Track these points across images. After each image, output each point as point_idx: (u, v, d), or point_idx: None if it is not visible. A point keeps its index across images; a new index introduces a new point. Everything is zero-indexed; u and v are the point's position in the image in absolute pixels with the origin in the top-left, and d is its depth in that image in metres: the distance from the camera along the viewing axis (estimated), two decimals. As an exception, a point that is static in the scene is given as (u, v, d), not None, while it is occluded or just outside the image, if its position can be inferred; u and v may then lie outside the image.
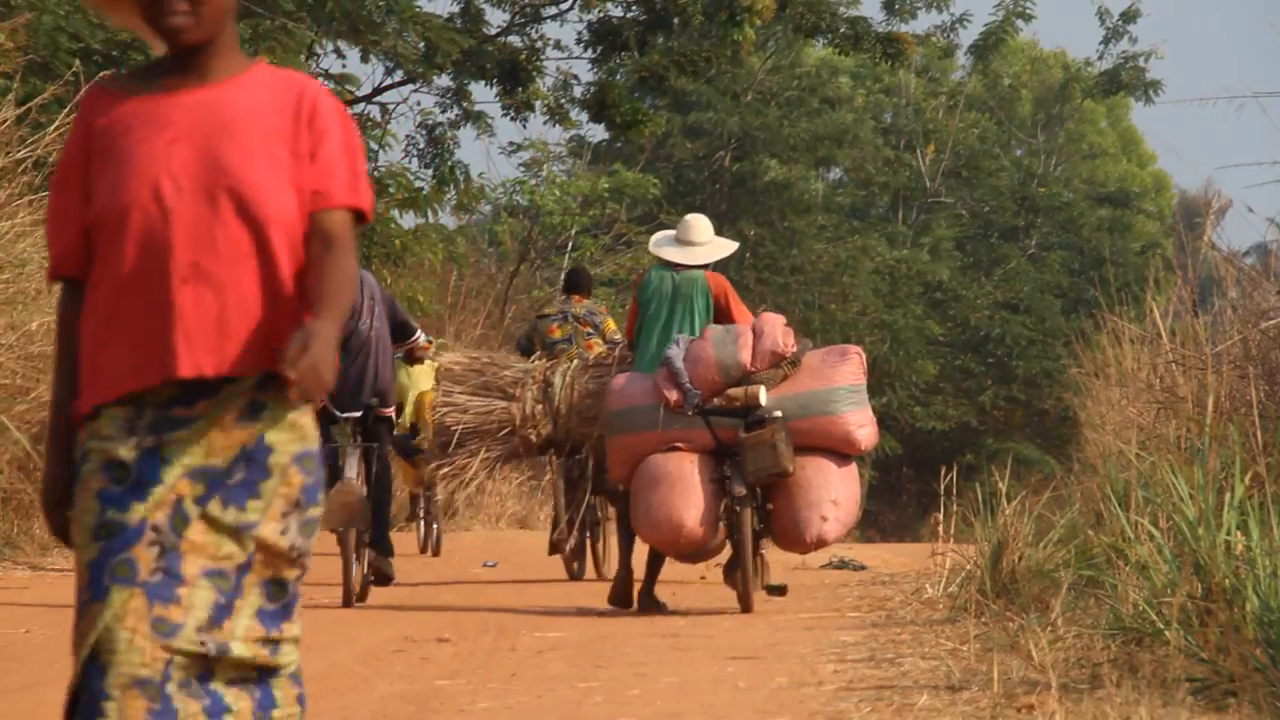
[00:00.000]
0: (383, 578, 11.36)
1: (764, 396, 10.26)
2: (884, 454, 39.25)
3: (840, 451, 10.37)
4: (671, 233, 11.09)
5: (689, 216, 11.14)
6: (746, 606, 10.42)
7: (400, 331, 11.74)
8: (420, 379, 16.86)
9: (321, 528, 14.83)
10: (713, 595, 11.67)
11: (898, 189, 42.93)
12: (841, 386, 10.34)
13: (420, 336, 12.09)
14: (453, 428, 12.02)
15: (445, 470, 12.07)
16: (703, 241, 10.93)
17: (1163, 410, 10.73)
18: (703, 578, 13.22)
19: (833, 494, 10.21)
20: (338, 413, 11.18)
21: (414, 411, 17.49)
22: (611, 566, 13.15)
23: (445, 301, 27.90)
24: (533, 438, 11.92)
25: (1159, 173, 47.82)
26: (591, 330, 13.32)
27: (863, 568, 15.07)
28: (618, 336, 13.21)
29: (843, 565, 15.23)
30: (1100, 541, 9.12)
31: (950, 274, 41.79)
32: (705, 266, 10.90)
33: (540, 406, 11.86)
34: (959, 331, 41.95)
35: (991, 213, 43.49)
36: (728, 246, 11.17)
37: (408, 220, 25.04)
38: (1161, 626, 7.12)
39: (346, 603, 11.07)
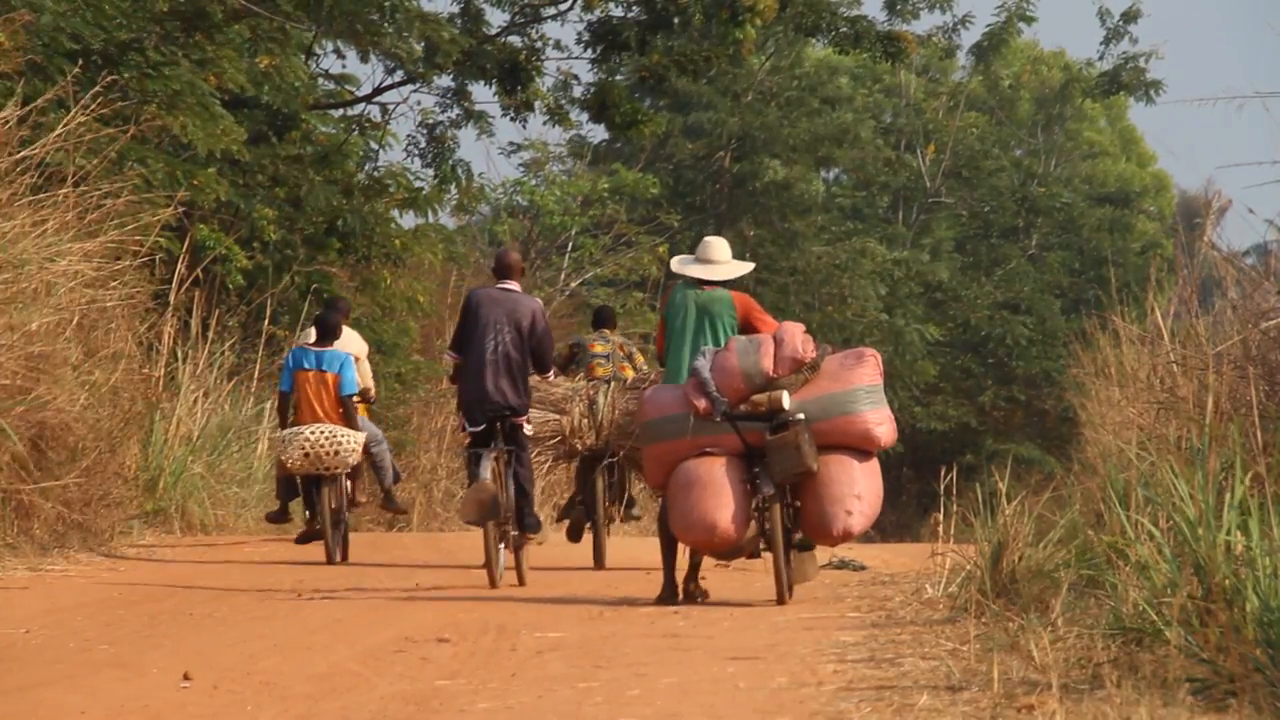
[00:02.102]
0: (534, 528, 12.56)
1: (787, 400, 10.86)
2: (884, 454, 39.15)
3: (861, 449, 10.99)
4: (691, 255, 11.74)
5: (708, 238, 11.80)
6: (781, 598, 11.01)
7: (536, 363, 12.59)
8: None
9: (461, 520, 15.87)
10: (713, 595, 11.67)
11: (898, 189, 42.90)
12: (859, 387, 10.96)
13: (551, 376, 12.98)
14: None
15: None
16: (723, 260, 11.59)
17: (1163, 410, 10.73)
18: (703, 577, 13.22)
19: (856, 489, 10.86)
20: (467, 425, 12.32)
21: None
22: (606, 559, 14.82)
23: (445, 301, 27.89)
24: (578, 446, 14.44)
25: (1159, 173, 47.80)
26: (625, 357, 14.83)
27: (863, 568, 15.06)
28: (645, 368, 14.92)
29: (843, 565, 15.22)
30: (1101, 541, 9.12)
31: (950, 274, 41.77)
32: (727, 283, 11.56)
33: (586, 420, 14.36)
34: (959, 332, 41.93)
35: (991, 213, 43.46)
36: (745, 266, 11.82)
37: (408, 220, 25.05)
38: (1162, 626, 7.12)
39: (492, 584, 12.22)
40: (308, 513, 14.96)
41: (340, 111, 25.78)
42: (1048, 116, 45.29)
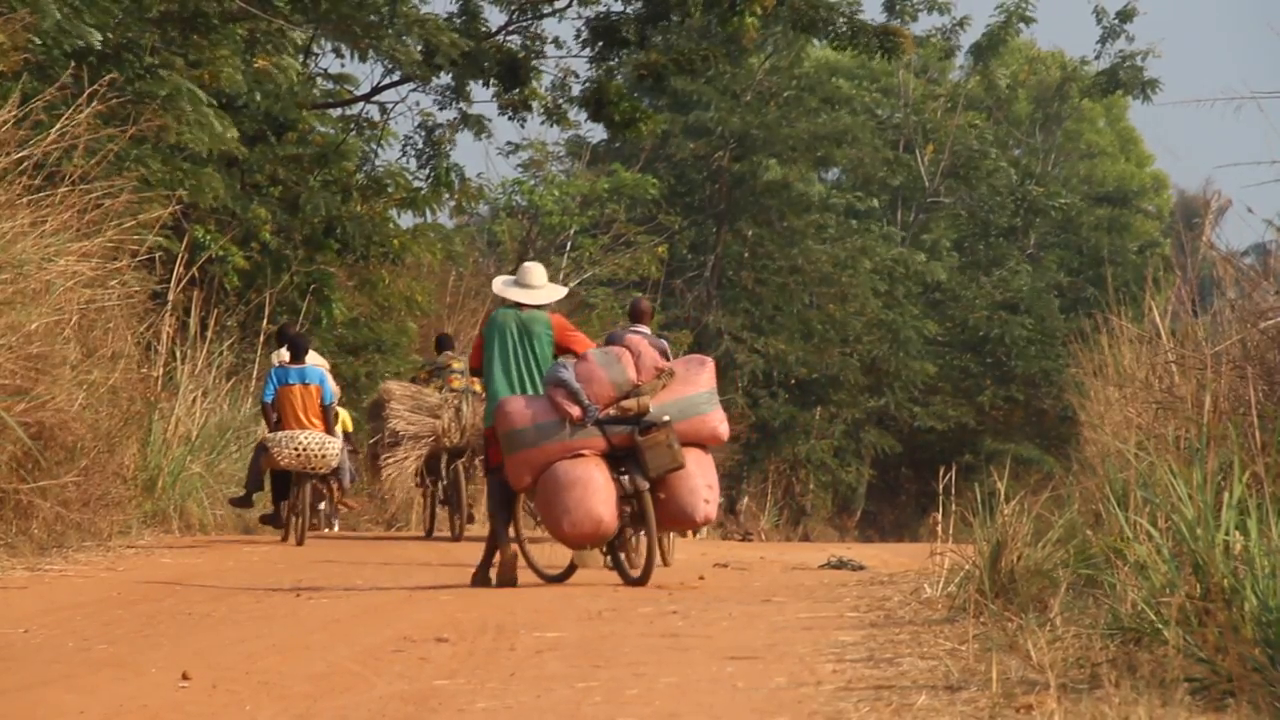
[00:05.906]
0: None
1: (651, 404, 11.95)
2: (883, 454, 39.21)
3: (704, 445, 12.16)
4: (512, 277, 12.78)
5: (527, 263, 12.86)
6: (646, 577, 12.03)
7: None
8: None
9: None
10: (711, 595, 11.68)
11: (897, 189, 42.88)
12: (705, 390, 12.18)
13: None
14: (400, 432, 18.25)
15: (392, 460, 18.23)
16: (541, 285, 12.66)
17: (1161, 410, 10.74)
18: (701, 578, 13.25)
19: (707, 480, 12.04)
20: None
21: None
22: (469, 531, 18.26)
23: (444, 301, 27.89)
24: (446, 443, 18.30)
25: (1158, 172, 47.82)
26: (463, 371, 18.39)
27: (861, 568, 15.08)
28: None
29: (841, 565, 15.24)
30: (1099, 541, 9.12)
31: (949, 274, 41.75)
32: (544, 306, 12.64)
33: (454, 424, 18.16)
34: (958, 331, 41.93)
35: (990, 213, 43.45)
36: (560, 290, 13.00)
37: (406, 220, 25.05)
38: (1160, 626, 7.13)
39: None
40: (279, 503, 17.28)
41: (339, 111, 25.78)
42: (1046, 116, 45.29)
